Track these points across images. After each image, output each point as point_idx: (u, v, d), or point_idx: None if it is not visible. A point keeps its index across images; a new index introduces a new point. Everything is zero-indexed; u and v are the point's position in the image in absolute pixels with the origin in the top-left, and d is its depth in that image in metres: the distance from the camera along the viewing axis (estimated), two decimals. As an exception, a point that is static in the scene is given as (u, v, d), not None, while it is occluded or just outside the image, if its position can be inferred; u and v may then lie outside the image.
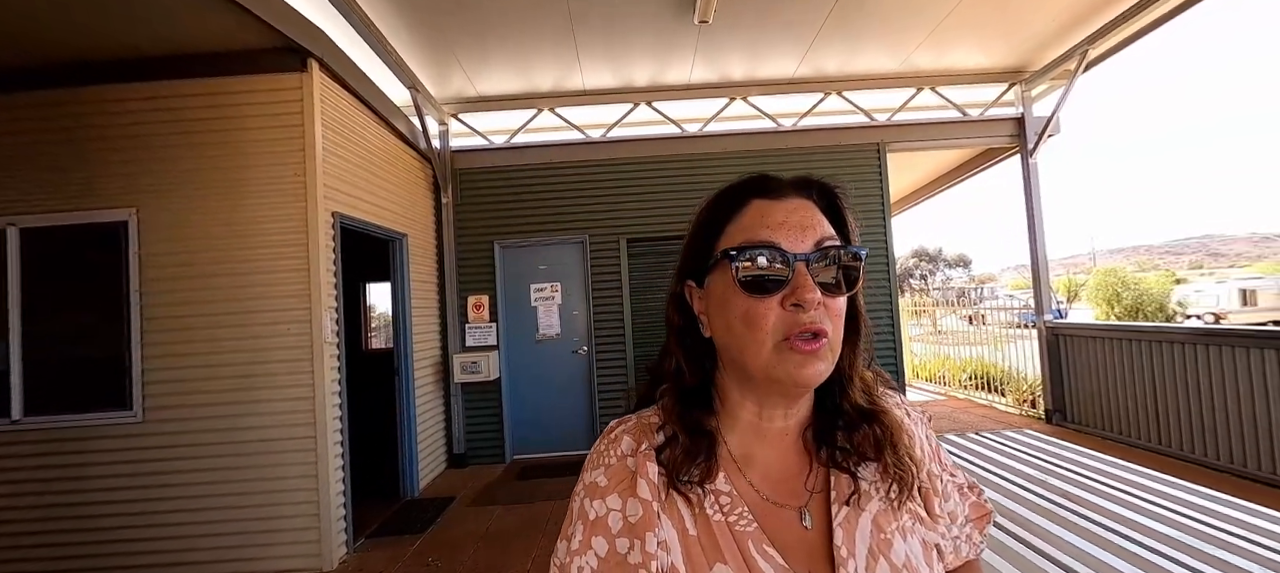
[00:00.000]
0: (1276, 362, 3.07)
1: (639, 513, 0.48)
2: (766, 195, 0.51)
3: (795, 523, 0.49)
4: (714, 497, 0.49)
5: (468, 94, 4.74)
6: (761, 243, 0.47)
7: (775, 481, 0.52)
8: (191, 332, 2.86)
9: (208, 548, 2.79)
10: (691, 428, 0.51)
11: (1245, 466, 3.24)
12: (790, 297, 0.46)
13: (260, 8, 2.50)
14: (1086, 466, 1.85)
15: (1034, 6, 3.96)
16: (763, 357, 0.47)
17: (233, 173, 2.89)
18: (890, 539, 0.49)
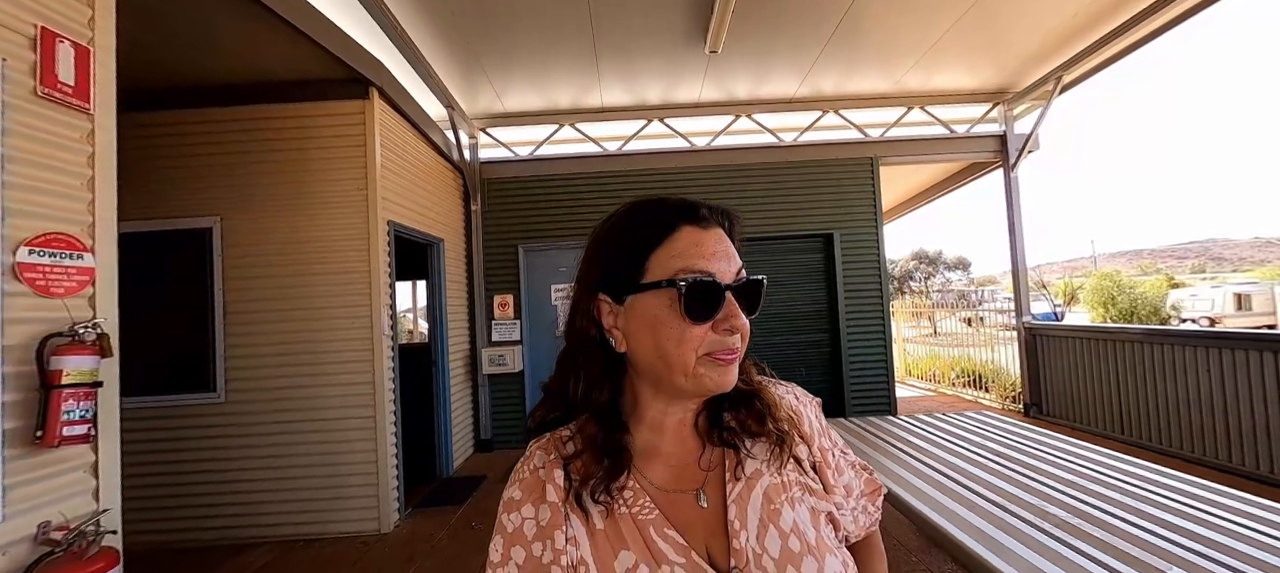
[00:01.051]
0: (1219, 359, 3.48)
1: (548, 516, 0.52)
2: (696, 223, 0.54)
3: (693, 505, 0.53)
4: (619, 492, 0.53)
5: (495, 110, 5.17)
6: (704, 273, 0.51)
7: (675, 469, 0.56)
8: (266, 324, 3.29)
9: (283, 512, 3.22)
10: (611, 451, 0.54)
11: (1192, 451, 3.65)
12: (723, 323, 0.51)
13: (335, 45, 2.93)
14: (1017, 434, 2.26)
15: (1015, 34, 4.38)
16: (690, 369, 0.51)
17: (303, 186, 3.32)
18: (779, 509, 0.53)
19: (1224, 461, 3.44)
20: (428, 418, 4.38)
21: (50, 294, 1.44)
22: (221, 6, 2.34)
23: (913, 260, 29.89)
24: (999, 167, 5.41)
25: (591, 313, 0.56)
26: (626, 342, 0.54)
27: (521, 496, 0.54)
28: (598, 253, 0.57)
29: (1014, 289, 5.37)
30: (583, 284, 0.58)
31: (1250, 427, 3.30)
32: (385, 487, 3.28)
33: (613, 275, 0.54)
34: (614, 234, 0.56)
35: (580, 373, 0.57)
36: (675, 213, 0.54)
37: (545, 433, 0.59)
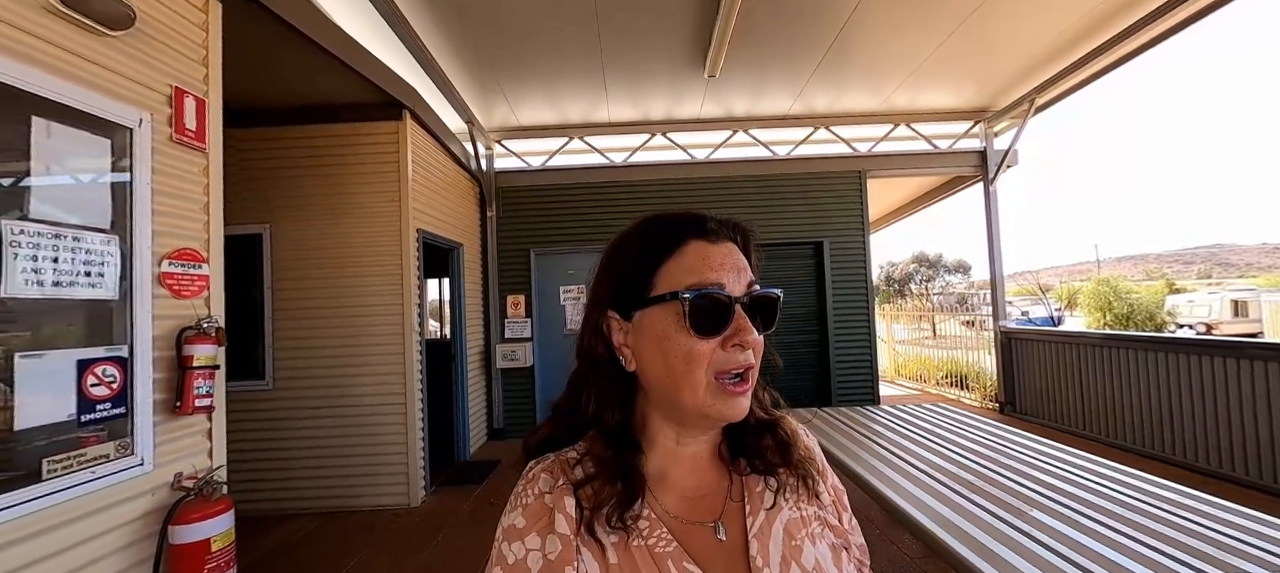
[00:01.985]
0: (1174, 363, 3.84)
1: (557, 550, 0.48)
2: (705, 237, 0.53)
3: (711, 537, 0.51)
4: (633, 522, 0.50)
5: (510, 123, 5.58)
6: (710, 286, 0.49)
7: (691, 499, 0.53)
8: (310, 320, 3.70)
9: (324, 487, 3.64)
10: (624, 474, 0.51)
11: (1143, 446, 4.03)
12: (732, 338, 0.49)
13: (376, 75, 3.33)
14: (978, 427, 2.63)
15: (994, 58, 4.73)
16: (698, 395, 0.49)
17: (344, 197, 3.73)
18: (800, 545, 0.51)
19: (1172, 455, 3.81)
20: (447, 407, 4.79)
21: (182, 297, 1.86)
22: (288, 47, 2.73)
23: (914, 263, 30.18)
24: (979, 180, 5.78)
25: (601, 330, 0.55)
26: (636, 361, 0.53)
27: (526, 524, 0.50)
28: (607, 269, 0.56)
29: (992, 295, 5.74)
30: (593, 301, 0.57)
31: (1191, 425, 3.67)
32: (413, 466, 3.69)
33: (621, 291, 0.53)
34: (622, 250, 0.55)
35: (591, 392, 0.55)
36: (683, 227, 0.53)
37: (547, 454, 0.56)
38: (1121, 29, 4.14)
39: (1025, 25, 4.24)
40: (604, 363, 0.55)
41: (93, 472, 1.54)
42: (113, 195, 1.64)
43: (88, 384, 1.53)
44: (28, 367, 1.40)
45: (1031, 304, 28.29)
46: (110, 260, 1.61)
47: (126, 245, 1.67)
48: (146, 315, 1.71)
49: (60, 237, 1.48)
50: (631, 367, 0.54)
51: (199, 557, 1.71)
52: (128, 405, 1.65)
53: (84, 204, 1.56)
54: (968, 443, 2.30)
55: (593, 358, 0.56)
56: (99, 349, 1.58)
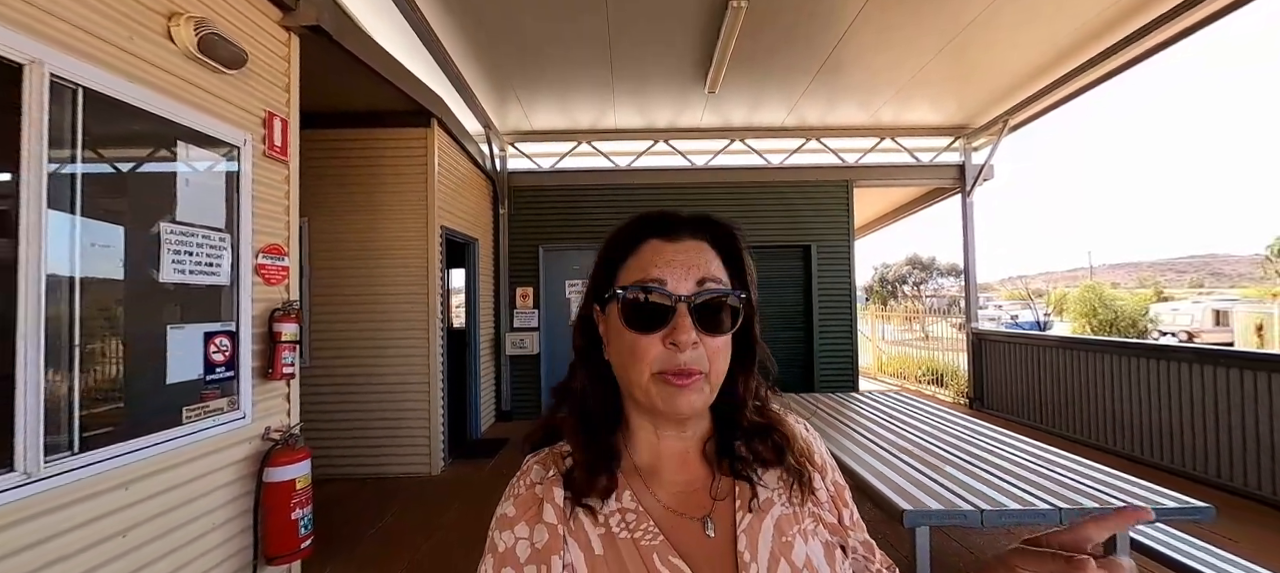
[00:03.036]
0: (1119, 364, 4.28)
1: (545, 538, 0.49)
2: (662, 235, 0.54)
3: (700, 533, 0.51)
4: (620, 514, 0.51)
5: (524, 127, 5.97)
6: (648, 282, 0.50)
7: (680, 493, 0.54)
8: (343, 306, 4.10)
9: (356, 455, 4.05)
10: (591, 445, 0.53)
11: (1095, 439, 4.49)
12: (669, 336, 0.49)
13: (410, 88, 3.72)
14: (936, 413, 3.06)
15: (973, 80, 5.11)
16: (642, 385, 0.50)
17: (375, 196, 4.13)
18: (791, 542, 0.51)
19: (1119, 448, 4.28)
20: (461, 389, 5.20)
21: (272, 283, 2.26)
22: (343, 68, 3.11)
23: (908, 265, 30.70)
24: (958, 192, 6.21)
25: (588, 320, 0.58)
26: (608, 351, 0.55)
27: (516, 513, 0.51)
28: (595, 265, 0.58)
29: (966, 298, 6.19)
30: (585, 294, 0.59)
31: (1129, 418, 4.13)
32: (434, 439, 4.11)
33: (598, 286, 0.56)
34: (604, 248, 0.58)
35: (577, 375, 0.58)
36: (644, 225, 0.55)
37: (544, 447, 0.58)
38: (1090, 57, 4.53)
39: (1000, 52, 4.63)
40: (583, 352, 0.58)
41: (213, 420, 1.95)
42: (226, 202, 2.04)
43: (210, 352, 1.95)
44: (175, 336, 1.81)
45: (1022, 308, 28.94)
46: (224, 254, 2.02)
47: (234, 241, 2.07)
48: (247, 298, 2.12)
49: (194, 235, 1.88)
50: (608, 356, 0.56)
51: (287, 493, 2.13)
52: (235, 370, 2.06)
53: (208, 210, 1.96)
54: (913, 421, 2.74)
55: (577, 348, 0.59)
56: (216, 324, 1.99)
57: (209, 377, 1.94)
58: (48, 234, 1.41)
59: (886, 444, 2.32)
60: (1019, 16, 4.02)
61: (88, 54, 1.54)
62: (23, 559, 1.36)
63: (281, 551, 2.15)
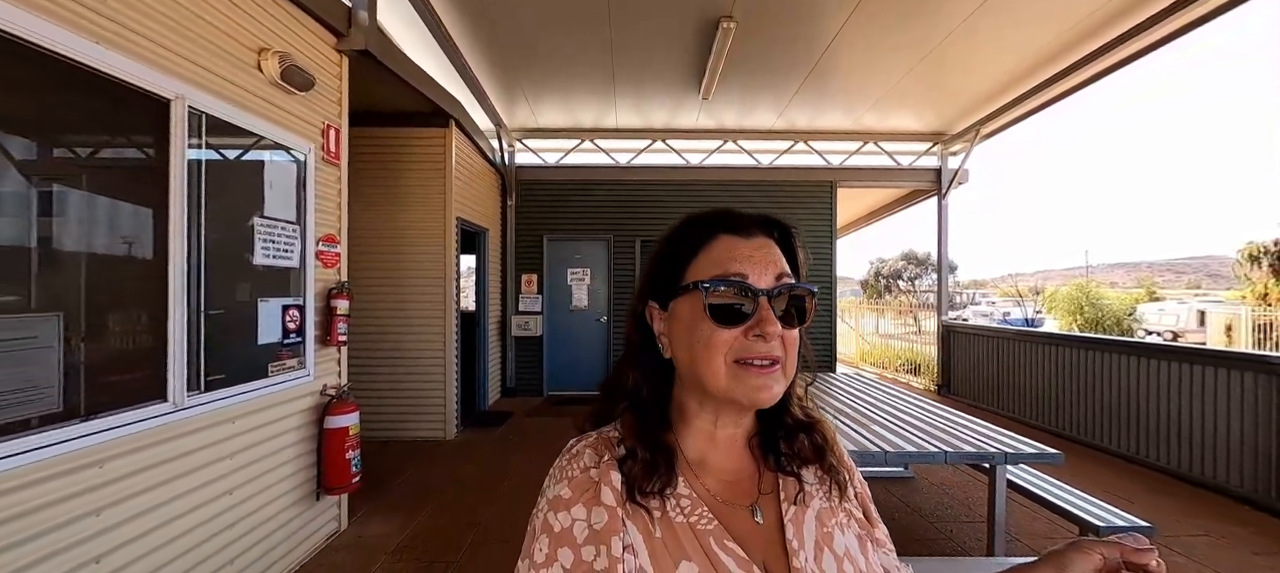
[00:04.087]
0: (1067, 357, 4.77)
1: (604, 520, 0.50)
2: (734, 232, 0.55)
3: (749, 519, 0.53)
4: (675, 500, 0.52)
5: (531, 125, 6.40)
6: (732, 276, 0.52)
7: (729, 483, 0.56)
8: (371, 289, 4.56)
9: (382, 422, 4.54)
10: (651, 444, 0.54)
11: (1048, 423, 5.00)
12: (754, 328, 0.51)
13: (433, 93, 4.15)
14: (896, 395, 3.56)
15: (948, 90, 5.50)
16: (721, 379, 0.51)
17: (399, 188, 4.58)
18: (831, 533, 0.54)
19: (1058, 429, 4.79)
20: (470, 365, 5.70)
21: (329, 266, 2.74)
22: (373, 76, 3.54)
23: (902, 261, 31.14)
24: (934, 194, 6.67)
25: (643, 319, 0.59)
26: (671, 347, 0.56)
27: (572, 495, 0.52)
28: (650, 264, 0.59)
29: (938, 292, 6.68)
30: (637, 293, 0.60)
31: (1074, 404, 4.64)
32: (449, 407, 4.61)
33: (659, 283, 0.57)
34: (663, 245, 0.58)
35: (631, 372, 0.59)
36: (714, 222, 0.56)
37: (589, 432, 0.59)
38: (1060, 70, 4.87)
39: (974, 65, 4.99)
40: (639, 349, 0.59)
41: (288, 375, 2.44)
42: (296, 199, 2.51)
43: (286, 320, 2.43)
44: (263, 307, 2.29)
45: (1013, 306, 29.45)
46: (295, 242, 2.49)
47: (302, 231, 2.54)
48: (311, 278, 2.60)
49: (276, 227, 2.36)
50: (668, 354, 0.57)
51: (343, 437, 2.63)
52: (303, 336, 2.54)
53: (284, 206, 2.43)
54: (863, 396, 3.23)
55: (632, 344, 0.60)
56: (290, 299, 2.47)
57: (285, 340, 2.43)
58: (186, 229, 1.88)
59: (831, 409, 2.82)
60: (991, 33, 4.36)
61: (209, 87, 2.00)
62: (172, 467, 1.85)
63: (337, 483, 2.65)
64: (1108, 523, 2.10)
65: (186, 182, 1.87)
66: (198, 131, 1.94)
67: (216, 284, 2.02)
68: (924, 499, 3.40)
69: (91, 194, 1.69)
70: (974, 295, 42.16)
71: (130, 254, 1.78)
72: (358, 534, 2.87)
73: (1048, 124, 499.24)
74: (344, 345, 2.81)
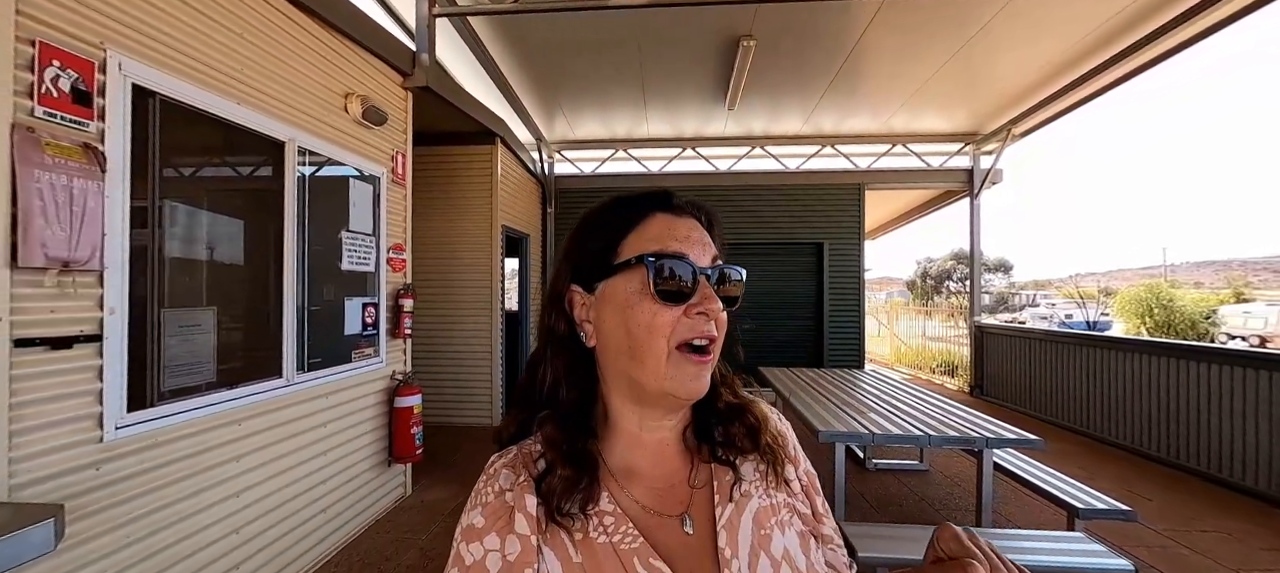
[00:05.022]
0: (1098, 357, 4.75)
1: (517, 550, 0.47)
2: (669, 210, 0.54)
3: (678, 531, 0.50)
4: (598, 518, 0.49)
5: (569, 137, 6.87)
6: (671, 255, 0.50)
7: (658, 490, 0.52)
8: (429, 288, 5.12)
9: (437, 407, 5.09)
10: (572, 457, 0.50)
11: (1083, 425, 4.99)
12: (697, 306, 0.49)
13: (482, 116, 4.65)
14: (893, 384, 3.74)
15: (979, 89, 5.48)
16: (660, 365, 0.49)
17: (452, 199, 5.12)
18: (769, 534, 0.51)
19: (1086, 428, 4.78)
20: (513, 358, 6.21)
21: (397, 271, 3.25)
22: (432, 104, 4.05)
23: (952, 260, 29.98)
24: (966, 195, 6.66)
25: (563, 305, 0.54)
26: (597, 334, 0.53)
27: (485, 523, 0.48)
28: (572, 243, 0.56)
29: (970, 292, 6.66)
30: (556, 276, 0.56)
31: (1107, 405, 4.63)
32: (495, 395, 5.11)
33: (585, 264, 0.53)
34: (589, 223, 0.55)
35: (548, 368, 0.55)
36: (648, 200, 0.54)
37: (511, 447, 0.54)
38: (1087, 70, 4.86)
39: (1003, 65, 4.95)
40: (563, 339, 0.54)
41: (365, 362, 2.94)
42: (372, 215, 3.02)
43: (365, 316, 2.93)
44: (348, 305, 2.80)
45: (1075, 307, 27.68)
46: (371, 250, 3.00)
47: (376, 242, 3.05)
48: (383, 280, 3.11)
49: (357, 238, 2.86)
50: (592, 342, 0.53)
51: (408, 415, 3.12)
52: (377, 330, 3.05)
53: (363, 221, 2.94)
54: (872, 390, 3.45)
55: (553, 334, 0.55)
56: (367, 298, 2.97)
57: (364, 332, 2.93)
58: (297, 242, 2.39)
59: (837, 401, 3.08)
60: (1018, 33, 4.36)
61: (310, 130, 2.51)
62: (285, 429, 2.36)
63: (403, 453, 3.14)
64: (1088, 506, 2.28)
65: (296, 205, 2.38)
66: (303, 165, 2.45)
67: (315, 286, 2.53)
68: (935, 490, 3.58)
69: (231, 217, 2.21)
70: (1034, 296, 39.88)
71: (257, 262, 2.30)
72: (421, 499, 3.36)
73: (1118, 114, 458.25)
74: (409, 338, 3.31)
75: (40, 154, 1.42)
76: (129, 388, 1.67)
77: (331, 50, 2.67)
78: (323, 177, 2.62)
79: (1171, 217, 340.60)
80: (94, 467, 1.60)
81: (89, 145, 1.55)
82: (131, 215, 1.67)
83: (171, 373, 1.84)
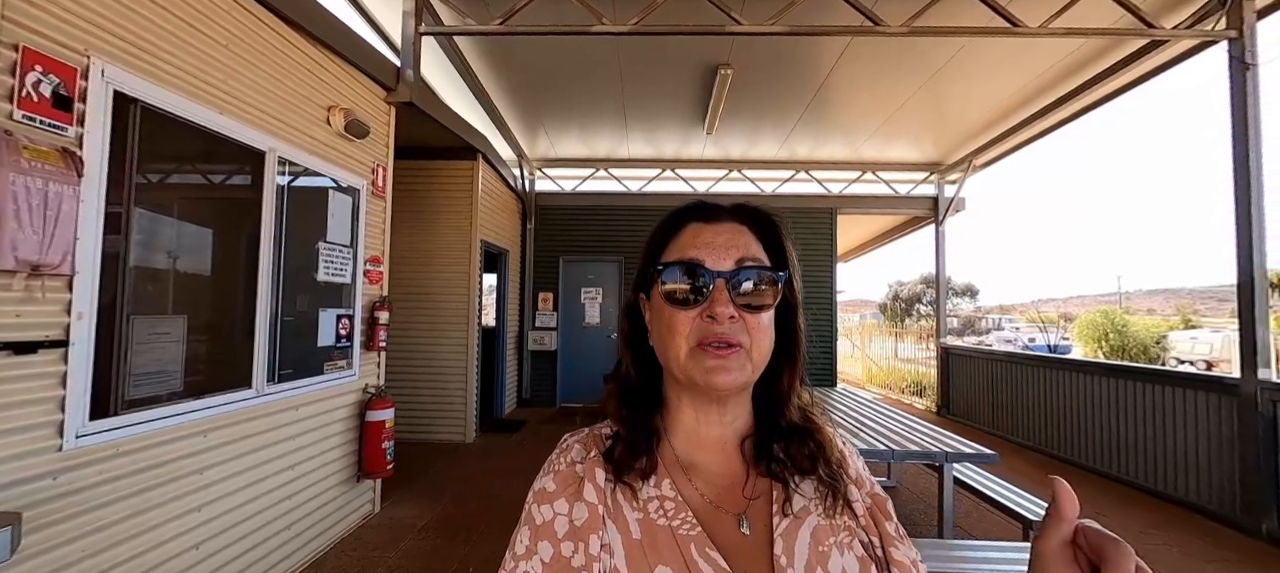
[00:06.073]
0: (1057, 379, 4.98)
1: (584, 516, 0.50)
2: (702, 219, 0.57)
3: (735, 529, 0.51)
4: (659, 501, 0.51)
5: (550, 155, 6.96)
6: (687, 261, 0.53)
7: (717, 488, 0.54)
8: (405, 302, 5.07)
9: (410, 422, 5.00)
10: (632, 421, 0.55)
11: (1042, 444, 5.19)
12: (707, 309, 0.51)
13: (464, 132, 4.69)
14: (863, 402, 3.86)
15: (944, 123, 5.80)
16: (681, 360, 0.52)
17: (432, 213, 5.12)
18: (828, 552, 0.50)
19: (1056, 450, 4.98)
20: (490, 375, 6.16)
21: (374, 283, 3.23)
22: (414, 119, 4.09)
23: (922, 284, 30.88)
24: (932, 221, 6.96)
25: (632, 310, 0.60)
26: (652, 334, 0.57)
27: (556, 489, 0.53)
28: (641, 255, 0.61)
29: (937, 316, 6.91)
30: (632, 286, 0.62)
31: (1068, 425, 4.84)
32: (469, 413, 5.05)
33: (641, 275, 0.59)
34: (649, 238, 0.60)
35: (622, 362, 0.60)
36: (686, 211, 0.59)
37: (583, 428, 0.60)
38: (1039, 108, 5.17)
39: (964, 100, 5.25)
40: (632, 339, 0.60)
41: (338, 374, 2.91)
42: (351, 227, 3.02)
43: (339, 328, 2.91)
44: (322, 316, 2.78)
45: (1038, 331, 28.83)
46: (348, 262, 2.99)
47: (354, 253, 3.04)
48: (360, 292, 3.09)
49: (335, 250, 2.86)
50: (652, 341, 0.57)
51: (380, 429, 3.08)
52: (351, 342, 3.02)
53: (341, 232, 2.94)
54: (840, 406, 3.56)
55: (622, 334, 0.61)
56: (341, 309, 2.96)
57: (337, 344, 2.91)
58: (273, 252, 2.38)
59: (808, 417, 3.17)
60: (977, 70, 4.63)
61: (292, 140, 2.52)
62: (253, 441, 2.32)
63: (374, 468, 3.09)
64: (1039, 517, 2.39)
65: (273, 215, 2.38)
66: (282, 176, 2.46)
67: (289, 296, 2.51)
68: (902, 506, 3.67)
69: (205, 228, 2.20)
70: (999, 320, 41.36)
71: (231, 272, 2.28)
72: (389, 515, 3.30)
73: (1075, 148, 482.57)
74: (383, 351, 3.29)
75: (16, 157, 1.41)
76: (93, 396, 1.64)
77: (316, 64, 2.70)
78: (302, 187, 2.62)
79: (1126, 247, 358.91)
80: (51, 476, 1.56)
81: (66, 150, 1.55)
82: (106, 221, 1.67)
83: (138, 381, 1.81)
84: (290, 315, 2.52)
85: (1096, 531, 0.39)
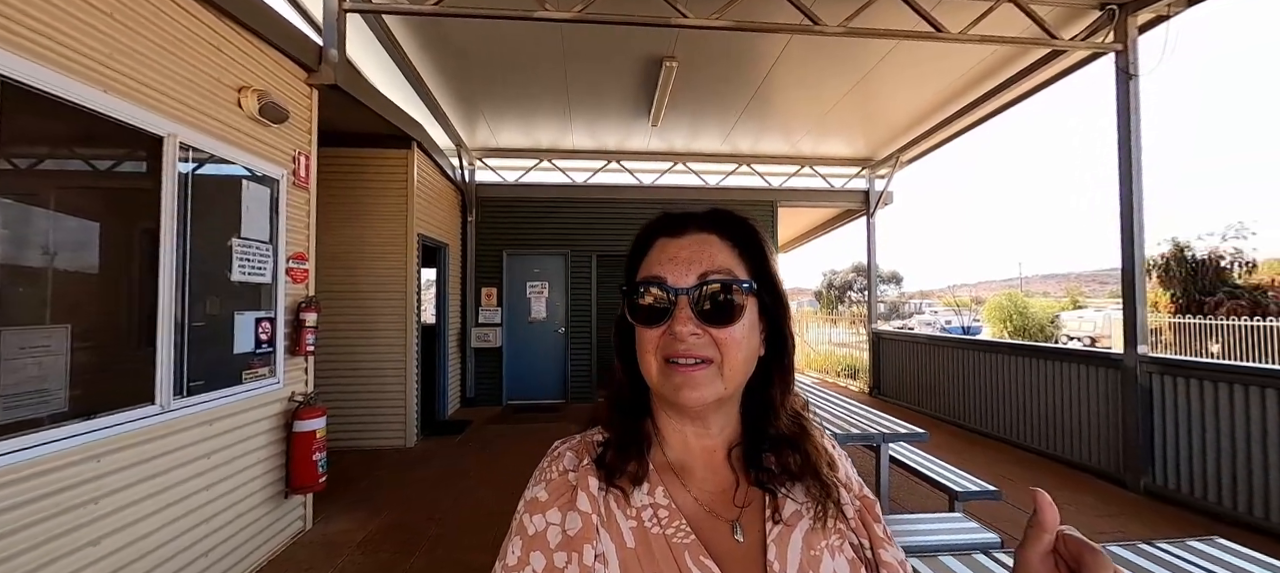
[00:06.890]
0: (970, 358, 5.43)
1: (578, 526, 0.49)
2: (668, 233, 0.56)
3: (728, 536, 0.51)
4: (653, 510, 0.51)
5: (491, 144, 6.70)
6: (650, 279, 0.53)
7: (709, 494, 0.54)
8: (336, 301, 4.72)
9: (342, 430, 4.67)
10: (624, 427, 0.55)
11: (960, 418, 5.64)
12: (668, 329, 0.51)
13: (396, 118, 4.41)
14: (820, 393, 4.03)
15: (873, 121, 6.12)
16: (653, 376, 0.52)
17: (363, 206, 4.78)
18: (819, 556, 0.51)
19: (972, 423, 5.43)
20: (430, 376, 5.88)
21: (298, 282, 2.97)
22: (341, 103, 3.78)
23: (853, 273, 32.74)
24: (863, 214, 7.36)
25: (624, 322, 0.58)
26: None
27: (548, 498, 0.52)
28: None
29: (868, 302, 7.34)
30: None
31: (974, 398, 5.28)
32: (409, 416, 4.80)
33: (623, 289, 0.58)
34: (628, 253, 0.60)
35: (616, 368, 0.60)
36: (653, 227, 0.57)
37: (575, 435, 0.59)
38: (956, 109, 5.60)
39: (891, 100, 5.59)
40: (622, 349, 0.59)
41: (259, 383, 2.66)
42: (269, 221, 2.75)
43: (258, 332, 2.65)
44: (239, 320, 2.52)
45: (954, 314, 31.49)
46: (268, 260, 2.73)
47: (274, 250, 2.78)
48: (282, 293, 2.83)
49: (251, 247, 2.59)
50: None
51: (310, 440, 2.85)
52: (273, 347, 2.77)
53: (259, 227, 2.67)
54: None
55: (615, 345, 0.60)
56: (262, 312, 2.70)
57: (257, 350, 2.65)
58: (175, 250, 2.12)
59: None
60: (902, 73, 4.94)
61: (196, 124, 2.25)
62: (159, 463, 2.07)
63: (304, 483, 2.86)
64: (964, 489, 2.60)
65: (175, 208, 2.12)
66: (186, 163, 2.19)
67: (198, 299, 2.25)
68: (841, 484, 3.88)
69: (93, 221, 1.92)
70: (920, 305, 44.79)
71: (126, 272, 2.01)
72: (323, 532, 3.08)
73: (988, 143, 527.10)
74: (311, 355, 3.04)
75: None
76: (-52, 423, 1.39)
77: (223, 39, 2.42)
78: (210, 176, 2.35)
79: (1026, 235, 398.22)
80: (-105, 522, 1.31)
81: (-101, 131, 1.29)
82: (-42, 217, 1.41)
83: (9, 404, 1.55)
84: (200, 320, 2.26)
85: (1076, 539, 0.41)
